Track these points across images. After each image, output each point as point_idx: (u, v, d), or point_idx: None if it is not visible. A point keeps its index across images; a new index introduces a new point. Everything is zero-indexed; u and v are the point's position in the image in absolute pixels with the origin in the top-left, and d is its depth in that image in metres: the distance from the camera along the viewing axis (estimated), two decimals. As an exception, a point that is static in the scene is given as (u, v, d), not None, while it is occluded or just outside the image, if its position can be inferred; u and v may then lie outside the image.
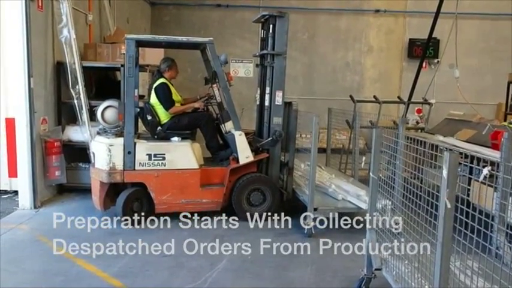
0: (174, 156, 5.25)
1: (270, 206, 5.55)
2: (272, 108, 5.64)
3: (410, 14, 11.69)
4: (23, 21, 5.49)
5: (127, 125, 5.16)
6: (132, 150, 5.12)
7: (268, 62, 5.66)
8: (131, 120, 5.19)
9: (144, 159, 5.15)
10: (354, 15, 11.97)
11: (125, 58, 5.16)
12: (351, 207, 5.25)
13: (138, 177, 5.17)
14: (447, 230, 2.32)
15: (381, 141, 3.56)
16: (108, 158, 5.08)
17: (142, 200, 5.21)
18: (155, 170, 5.18)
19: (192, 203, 5.28)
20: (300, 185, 5.90)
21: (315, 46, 12.13)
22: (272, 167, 5.75)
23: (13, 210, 5.64)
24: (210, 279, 3.90)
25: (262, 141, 5.66)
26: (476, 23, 11.47)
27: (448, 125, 7.06)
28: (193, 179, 5.30)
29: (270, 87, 5.64)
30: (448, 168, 2.27)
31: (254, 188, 5.54)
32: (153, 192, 5.19)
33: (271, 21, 5.61)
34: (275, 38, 5.59)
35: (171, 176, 5.22)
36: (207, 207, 5.34)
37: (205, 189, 5.37)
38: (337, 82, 12.02)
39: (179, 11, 11.43)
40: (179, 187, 5.25)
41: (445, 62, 10.92)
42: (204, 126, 5.71)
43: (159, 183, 5.18)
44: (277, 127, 5.63)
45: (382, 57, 12.10)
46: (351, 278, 3.85)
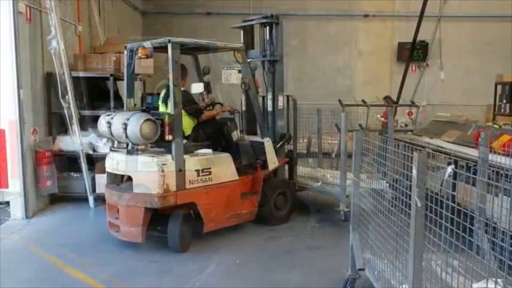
0: (218, 170, 4.94)
1: (291, 208, 5.72)
2: (276, 112, 5.81)
3: (399, 18, 11.83)
4: (12, 33, 5.55)
5: (177, 139, 4.62)
6: (182, 167, 4.63)
7: (268, 68, 5.82)
8: (180, 133, 4.70)
9: (193, 176, 4.71)
10: (343, 20, 12.11)
11: (170, 64, 4.60)
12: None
13: (190, 196, 4.68)
14: (418, 228, 2.38)
15: (362, 144, 3.63)
16: (161, 180, 4.45)
17: (189, 222, 4.74)
18: (204, 186, 4.79)
19: (235, 216, 5.11)
20: (307, 184, 6.22)
21: (305, 51, 12.25)
22: (282, 168, 5.96)
23: (5, 221, 5.67)
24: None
25: (275, 145, 5.73)
26: (464, 25, 11.62)
27: (435, 126, 7.13)
28: (235, 190, 5.12)
29: (272, 93, 5.80)
30: (417, 168, 2.34)
31: (279, 192, 5.61)
32: (202, 210, 4.76)
33: (268, 29, 5.77)
34: (273, 44, 5.74)
35: (218, 190, 4.92)
36: (245, 218, 5.26)
37: (245, 200, 5.23)
38: (328, 86, 12.12)
39: (170, 19, 11.55)
40: (225, 201, 4.99)
41: (435, 64, 11.07)
42: (228, 135, 5.54)
43: (208, 200, 4.82)
44: (281, 130, 5.85)
45: (372, 61, 12.23)
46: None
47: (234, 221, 5.09)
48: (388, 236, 3.10)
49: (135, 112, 4.76)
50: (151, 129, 4.55)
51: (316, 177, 6.43)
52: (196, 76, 6.03)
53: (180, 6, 11.51)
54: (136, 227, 4.51)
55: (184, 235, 4.63)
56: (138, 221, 4.50)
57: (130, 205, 4.56)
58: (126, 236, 4.62)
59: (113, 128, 4.77)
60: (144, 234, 4.50)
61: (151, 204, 4.49)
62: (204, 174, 4.79)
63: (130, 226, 4.56)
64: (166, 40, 4.58)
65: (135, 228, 4.52)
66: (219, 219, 4.93)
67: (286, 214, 5.67)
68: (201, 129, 5.30)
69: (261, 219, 5.40)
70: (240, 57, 5.34)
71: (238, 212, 5.12)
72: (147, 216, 4.52)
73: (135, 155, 4.65)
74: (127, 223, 4.60)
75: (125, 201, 4.60)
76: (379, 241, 3.23)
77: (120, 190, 4.76)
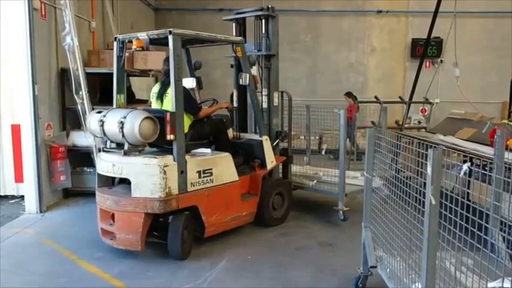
0: (219, 170, 4.69)
1: (288, 208, 5.57)
2: (271, 109, 5.59)
3: (413, 14, 11.73)
4: (27, 29, 5.62)
5: (179, 139, 4.32)
6: (184, 168, 4.35)
7: (264, 64, 5.59)
8: (182, 132, 4.39)
9: (195, 178, 4.44)
10: (356, 16, 12.03)
11: (171, 57, 4.29)
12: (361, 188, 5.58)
13: (192, 199, 4.42)
14: (432, 226, 2.36)
15: (374, 140, 3.60)
16: (163, 183, 4.16)
17: (189, 227, 4.46)
18: (205, 188, 4.54)
19: (235, 219, 4.90)
20: (302, 182, 6.07)
21: (317, 47, 12.21)
22: (277, 167, 5.73)
23: (19, 215, 5.76)
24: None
25: (271, 144, 5.53)
26: (479, 21, 11.47)
27: (449, 124, 7.05)
28: (235, 192, 4.90)
29: (267, 89, 5.57)
30: (432, 165, 2.31)
31: (277, 193, 5.44)
32: (204, 214, 4.52)
33: (264, 22, 5.55)
34: (269, 39, 5.53)
35: (219, 192, 4.68)
36: (245, 220, 5.06)
37: (244, 201, 5.02)
38: (341, 83, 12.07)
39: (182, 15, 11.58)
40: (225, 203, 4.77)
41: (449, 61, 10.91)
42: (224, 133, 5.31)
43: (210, 203, 4.59)
44: (277, 128, 5.65)
45: (385, 58, 12.14)
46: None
47: (234, 224, 4.90)
48: (401, 234, 3.08)
49: (132, 109, 4.39)
50: (151, 128, 4.23)
51: (310, 176, 6.32)
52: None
53: (193, 2, 11.54)
54: (134, 234, 4.21)
55: (186, 241, 4.37)
56: (137, 228, 4.19)
57: (129, 211, 4.23)
58: (123, 243, 4.30)
59: (106, 126, 4.39)
60: (143, 241, 4.22)
61: (153, 209, 4.18)
62: (205, 175, 4.54)
63: (127, 233, 4.24)
64: (167, 31, 4.29)
65: (134, 235, 4.21)
66: (220, 222, 4.72)
67: (283, 214, 5.52)
68: (197, 127, 4.93)
69: (258, 220, 5.22)
70: (240, 51, 5.09)
71: (238, 214, 4.92)
72: (146, 222, 4.24)
73: (133, 156, 4.35)
74: (124, 230, 4.27)
75: (122, 206, 4.26)
76: (392, 239, 3.21)
77: (115, 194, 4.39)
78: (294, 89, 12.06)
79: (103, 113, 4.49)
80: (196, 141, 4.87)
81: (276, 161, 5.50)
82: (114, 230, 4.36)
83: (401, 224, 3.05)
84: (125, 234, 4.26)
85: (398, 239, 3.11)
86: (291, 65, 12.21)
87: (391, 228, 3.19)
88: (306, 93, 12.07)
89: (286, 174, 5.97)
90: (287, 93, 5.99)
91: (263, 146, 5.29)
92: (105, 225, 4.46)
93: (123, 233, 4.27)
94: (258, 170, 5.28)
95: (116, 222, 4.33)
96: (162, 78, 4.89)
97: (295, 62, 12.26)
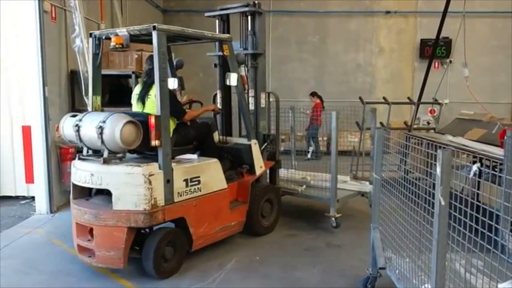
0: (207, 178, 4.34)
1: (277, 215, 5.31)
2: (258, 111, 5.29)
3: (421, 14, 11.67)
4: (37, 32, 5.68)
5: (165, 145, 3.94)
6: (170, 177, 3.98)
7: (251, 63, 5.25)
8: (168, 137, 4.02)
9: (181, 187, 4.07)
10: (364, 17, 12.00)
11: (156, 56, 3.91)
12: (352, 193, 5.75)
13: (179, 210, 4.05)
14: (442, 227, 2.35)
15: (383, 141, 3.60)
16: (148, 193, 3.77)
17: (175, 241, 4.08)
18: (193, 198, 4.18)
19: (223, 229, 4.57)
20: (291, 188, 5.80)
21: (325, 48, 12.20)
22: (265, 172, 5.37)
23: (30, 215, 5.82)
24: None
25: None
26: (488, 20, 11.39)
27: (458, 124, 7.01)
28: (224, 200, 4.57)
29: (254, 90, 5.26)
30: (441, 166, 2.31)
31: (266, 199, 5.15)
32: (192, 226, 4.16)
33: (250, 19, 5.22)
34: (256, 37, 5.21)
35: (207, 201, 4.33)
36: (233, 230, 4.74)
37: (233, 210, 4.69)
38: (349, 84, 12.05)
39: (190, 17, 11.61)
40: (214, 213, 4.43)
41: (458, 61, 10.86)
42: (210, 137, 4.96)
43: (198, 214, 4.23)
44: (264, 131, 5.37)
45: (393, 58, 12.10)
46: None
47: (222, 234, 4.58)
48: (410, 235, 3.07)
49: (112, 113, 3.93)
50: (134, 133, 3.82)
51: (298, 181, 5.99)
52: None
53: (201, 4, 11.55)
54: (116, 250, 3.79)
55: (164, 257, 3.96)
56: (119, 244, 3.78)
57: (110, 225, 3.80)
58: (103, 261, 3.88)
59: (82, 131, 3.96)
60: (126, 258, 3.81)
61: (137, 223, 3.78)
62: (192, 184, 4.18)
63: (108, 250, 3.82)
64: (150, 27, 3.91)
65: (115, 252, 3.79)
66: (208, 234, 4.37)
67: (272, 222, 5.24)
68: (181, 131, 4.53)
69: (247, 229, 4.91)
70: (227, 49, 4.74)
71: (227, 224, 4.59)
72: (130, 237, 3.82)
73: (114, 164, 3.90)
74: (105, 246, 3.84)
75: (102, 220, 3.83)
76: (401, 240, 3.20)
77: (94, 207, 3.96)
78: (302, 89, 12.15)
79: (79, 116, 4.09)
80: (181, 146, 4.49)
81: (264, 166, 5.19)
82: (93, 247, 3.92)
83: (410, 225, 3.04)
84: (105, 251, 3.84)
85: (408, 240, 3.10)
86: (298, 65, 12.23)
87: (400, 229, 3.18)
88: (313, 94, 12.04)
89: (274, 179, 5.63)
90: (274, 94, 5.72)
91: (252, 150, 4.97)
92: (83, 241, 4.02)
93: (103, 249, 3.85)
94: (246, 176, 4.97)
95: (95, 238, 3.89)
96: (144, 78, 4.46)
97: (303, 62, 12.26)
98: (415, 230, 2.99)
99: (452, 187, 2.47)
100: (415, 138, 5.65)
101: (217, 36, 4.93)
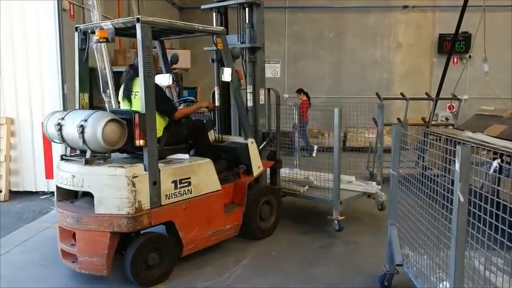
0: (198, 179, 4.11)
1: (277, 218, 5.06)
2: (257, 108, 5.05)
3: (440, 9, 11.48)
4: (56, 30, 5.80)
5: (150, 144, 3.72)
6: (157, 179, 3.76)
7: (249, 57, 5.01)
8: (154, 137, 3.80)
9: (170, 189, 3.85)
10: (381, 12, 11.89)
11: (140, 50, 3.67)
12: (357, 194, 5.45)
13: (167, 214, 3.85)
14: (461, 224, 2.32)
15: (401, 138, 3.56)
16: (132, 196, 3.56)
17: (161, 247, 3.85)
18: (183, 200, 3.96)
19: (217, 234, 4.33)
20: (292, 189, 5.49)
21: (342, 44, 12.13)
22: (264, 172, 5.13)
23: (50, 210, 5.92)
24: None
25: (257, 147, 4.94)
26: (509, 14, 11.13)
27: (478, 120, 6.89)
28: (218, 203, 4.33)
29: (252, 85, 5.02)
30: (461, 162, 2.27)
31: (265, 201, 4.90)
32: (181, 230, 3.95)
33: (247, 11, 4.97)
34: (254, 29, 4.96)
35: (199, 204, 4.11)
36: (228, 234, 4.49)
37: (228, 213, 4.44)
38: (366, 80, 11.97)
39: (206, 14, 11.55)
40: (206, 217, 4.21)
41: (477, 56, 10.66)
42: (204, 135, 4.68)
43: (188, 217, 4.02)
44: (263, 129, 5.13)
45: (411, 54, 11.96)
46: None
47: (216, 239, 4.34)
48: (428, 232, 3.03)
49: (94, 111, 3.76)
50: (117, 132, 3.61)
51: (300, 181, 5.68)
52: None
53: (217, 0, 11.58)
54: (99, 256, 3.59)
55: (147, 264, 3.73)
56: (101, 250, 3.57)
57: (92, 229, 3.61)
58: (87, 268, 3.68)
59: (64, 131, 3.76)
60: (109, 264, 3.60)
61: (120, 227, 3.57)
62: (182, 185, 3.95)
63: (91, 256, 3.63)
64: (134, 19, 3.70)
65: (98, 258, 3.59)
66: (200, 238, 4.15)
67: (272, 225, 4.98)
68: (173, 129, 4.29)
69: (244, 232, 4.67)
70: (221, 42, 4.46)
71: (220, 228, 4.35)
72: (113, 242, 3.61)
73: (97, 165, 3.68)
74: (87, 252, 3.65)
75: (84, 224, 3.64)
76: (419, 236, 3.17)
77: (76, 210, 3.77)
78: (319, 86, 12.10)
79: (61, 114, 3.91)
80: (173, 145, 4.25)
81: (263, 166, 4.92)
82: (76, 252, 3.73)
83: (428, 222, 3.01)
84: (88, 257, 3.65)
85: (425, 237, 3.07)
86: (315, 62, 12.17)
87: (418, 226, 3.15)
88: (330, 90, 12.01)
89: (275, 179, 5.37)
90: (274, 91, 5.41)
91: (249, 149, 4.71)
92: (66, 246, 3.84)
93: (86, 255, 3.65)
94: (243, 176, 4.70)
95: (77, 243, 3.71)
96: (128, 72, 4.23)
97: (319, 59, 12.21)
98: (433, 226, 2.96)
99: (471, 184, 2.44)
100: (433, 134, 5.58)
101: (209, 29, 4.54)
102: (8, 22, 6.12)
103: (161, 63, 4.93)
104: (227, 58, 4.56)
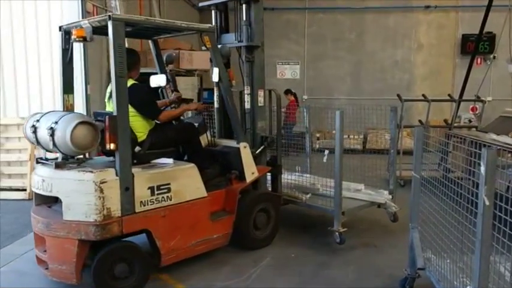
0: (180, 185, 3.88)
1: (276, 226, 4.74)
2: (255, 111, 4.79)
3: (463, 9, 11.30)
4: (80, 32, 5.89)
5: (122, 148, 3.50)
6: (130, 185, 3.55)
7: (246, 57, 4.74)
8: (127, 140, 3.57)
9: (146, 196, 3.65)
10: (402, 13, 11.77)
11: (112, 48, 3.49)
12: (364, 203, 5.01)
13: (142, 222, 3.64)
14: (486, 227, 2.28)
15: (423, 140, 3.52)
16: (99, 203, 3.38)
17: (131, 258, 3.62)
18: (161, 208, 3.74)
19: (202, 243, 4.09)
20: (294, 196, 5.13)
21: (362, 45, 12.04)
22: (264, 178, 4.93)
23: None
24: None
25: (254, 151, 4.72)
26: (536, 14, 10.87)
27: (502, 123, 6.75)
28: (203, 210, 4.08)
29: (250, 86, 4.76)
30: (486, 165, 2.24)
31: (260, 209, 4.59)
32: (159, 239, 3.74)
33: (244, 7, 4.67)
34: (251, 27, 4.67)
35: (180, 212, 3.88)
36: (217, 243, 4.25)
37: (215, 221, 4.19)
38: (386, 81, 11.86)
39: (226, 15, 11.70)
40: (189, 225, 3.96)
41: (502, 57, 10.46)
42: (195, 139, 4.45)
43: (167, 226, 3.79)
44: (262, 132, 4.88)
45: (432, 54, 11.79)
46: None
47: (201, 248, 4.09)
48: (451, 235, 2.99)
49: (66, 113, 3.61)
50: (88, 135, 3.44)
51: (305, 187, 5.26)
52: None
53: (236, 2, 11.64)
54: (68, 264, 3.44)
55: (114, 275, 3.51)
56: (70, 258, 3.42)
57: (61, 236, 3.46)
58: (57, 276, 3.54)
59: (38, 133, 3.60)
60: (79, 273, 3.44)
61: (87, 235, 3.39)
62: (160, 192, 3.73)
63: (60, 263, 3.49)
64: (106, 17, 3.51)
65: (67, 266, 3.45)
66: (182, 248, 3.92)
67: (269, 235, 4.67)
68: (160, 132, 4.11)
69: (236, 241, 4.42)
70: (208, 40, 4.21)
71: (207, 238, 4.10)
72: (82, 250, 3.44)
73: (67, 169, 3.54)
74: (56, 260, 3.51)
75: (53, 231, 3.49)
76: (442, 240, 3.12)
77: (47, 216, 3.62)
78: (339, 87, 12.05)
79: (37, 116, 3.73)
80: (160, 149, 4.07)
81: (258, 172, 4.61)
82: (47, 259, 3.62)
83: (452, 225, 2.96)
84: (57, 264, 3.51)
85: (448, 241, 3.02)
86: (335, 63, 12.12)
87: (441, 230, 3.10)
88: (350, 91, 11.95)
89: (276, 186, 5.06)
90: (275, 92, 5.07)
91: (241, 154, 4.45)
92: (39, 252, 3.73)
93: (56, 263, 3.52)
94: (235, 182, 4.46)
95: (47, 250, 3.58)
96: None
97: (339, 60, 12.15)
98: (457, 230, 2.91)
99: (496, 187, 2.39)
100: (457, 136, 5.49)
101: (196, 27, 4.27)
102: (33, 24, 6.28)
103: (155, 63, 4.83)
104: (216, 57, 4.35)
